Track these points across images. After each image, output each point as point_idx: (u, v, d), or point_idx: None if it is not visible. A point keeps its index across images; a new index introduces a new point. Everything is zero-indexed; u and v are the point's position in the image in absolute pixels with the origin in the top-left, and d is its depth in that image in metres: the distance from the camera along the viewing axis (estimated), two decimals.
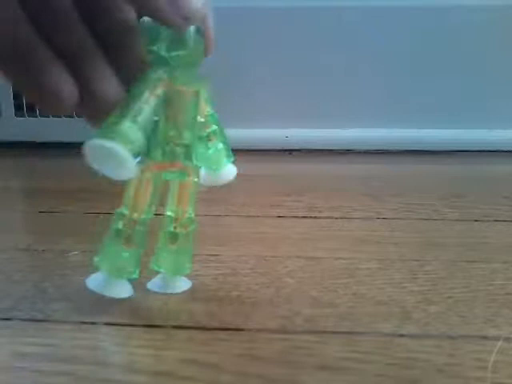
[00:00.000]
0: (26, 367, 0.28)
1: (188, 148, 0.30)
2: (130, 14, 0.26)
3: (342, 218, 0.50)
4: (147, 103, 0.27)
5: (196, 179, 0.32)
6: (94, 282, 0.32)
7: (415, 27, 0.78)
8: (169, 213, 0.33)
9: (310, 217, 0.51)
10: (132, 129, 0.26)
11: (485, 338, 0.30)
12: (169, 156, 0.30)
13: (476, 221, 0.50)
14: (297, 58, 0.79)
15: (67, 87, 0.24)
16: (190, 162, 0.31)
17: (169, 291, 0.35)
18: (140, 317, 0.32)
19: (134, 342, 0.30)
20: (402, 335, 0.30)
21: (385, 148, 0.80)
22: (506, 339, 0.29)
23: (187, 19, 0.24)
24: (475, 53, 0.78)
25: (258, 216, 0.51)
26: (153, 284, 0.35)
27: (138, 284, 0.37)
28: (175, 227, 0.33)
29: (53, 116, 0.82)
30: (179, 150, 0.30)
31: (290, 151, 0.80)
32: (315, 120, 0.80)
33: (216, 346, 0.29)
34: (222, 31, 0.88)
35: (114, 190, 0.30)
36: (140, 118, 0.26)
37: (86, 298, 0.35)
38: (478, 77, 0.79)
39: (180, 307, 0.33)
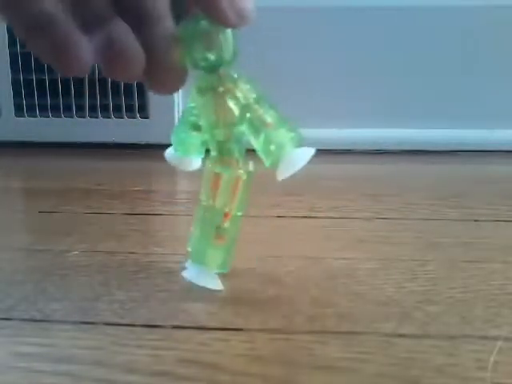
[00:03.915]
0: (25, 367, 0.28)
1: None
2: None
3: (341, 218, 0.50)
4: None
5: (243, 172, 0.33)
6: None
7: (415, 27, 0.78)
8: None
9: (310, 217, 0.51)
10: None
11: (485, 338, 0.30)
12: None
13: (476, 221, 0.50)
14: (297, 58, 0.79)
15: (135, 46, 0.25)
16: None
17: (200, 284, 0.34)
18: (140, 317, 0.32)
19: (133, 342, 0.30)
20: (401, 335, 0.30)
21: (385, 148, 0.80)
22: (506, 339, 0.29)
23: (244, 20, 0.26)
24: (475, 53, 0.78)
25: (258, 216, 0.51)
26: (187, 272, 0.35)
27: (137, 283, 0.37)
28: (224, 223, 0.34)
29: (53, 116, 0.82)
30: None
31: None
32: (315, 120, 0.80)
33: (216, 346, 0.29)
34: None
35: (114, 190, 0.30)
36: None
37: (86, 298, 0.35)
38: (478, 77, 0.79)
39: (180, 307, 0.33)
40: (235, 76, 0.31)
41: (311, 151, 0.33)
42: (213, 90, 0.31)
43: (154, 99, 0.80)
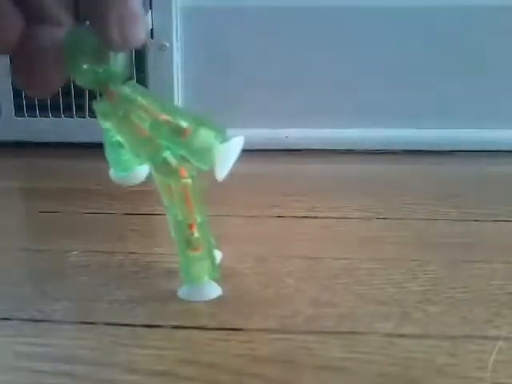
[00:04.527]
0: (25, 367, 0.28)
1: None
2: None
3: (341, 218, 0.50)
4: None
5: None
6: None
7: (415, 27, 0.78)
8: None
9: (310, 217, 0.51)
10: None
11: (485, 338, 0.30)
12: None
13: (476, 221, 0.50)
14: (297, 58, 0.79)
15: (11, 17, 0.24)
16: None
17: (197, 299, 0.34)
18: (140, 317, 0.32)
19: (133, 341, 0.30)
20: (402, 335, 0.30)
21: (385, 148, 0.80)
22: (506, 339, 0.29)
23: (128, 45, 0.25)
24: (475, 53, 0.78)
25: (258, 216, 0.51)
26: (181, 292, 0.34)
27: (137, 283, 0.37)
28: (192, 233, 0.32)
29: (53, 116, 0.82)
30: None
31: (290, 151, 0.80)
32: (315, 120, 0.80)
33: (216, 346, 0.29)
34: (223, 31, 0.87)
35: (114, 190, 0.30)
36: None
37: (86, 298, 0.35)
38: (478, 77, 0.79)
39: (180, 307, 0.33)
40: (131, 94, 0.30)
41: (240, 140, 0.31)
42: (114, 114, 0.30)
43: None
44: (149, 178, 0.35)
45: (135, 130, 0.30)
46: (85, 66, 0.27)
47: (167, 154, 0.31)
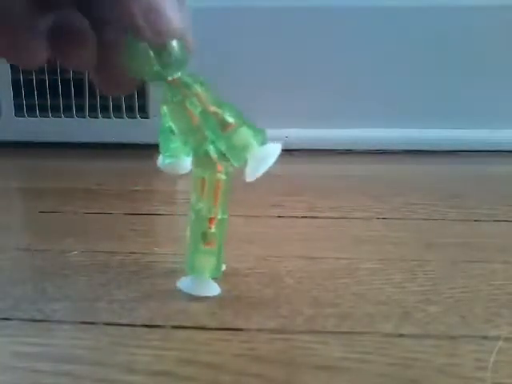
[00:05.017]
0: (25, 367, 0.28)
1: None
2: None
3: (341, 218, 0.50)
4: None
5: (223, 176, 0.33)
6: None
7: (415, 27, 0.78)
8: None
9: (310, 217, 0.51)
10: None
11: (485, 338, 0.30)
12: None
13: (476, 221, 0.50)
14: (298, 58, 0.79)
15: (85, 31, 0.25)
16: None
17: (197, 294, 0.34)
18: (140, 317, 0.32)
19: (133, 341, 0.30)
20: (402, 335, 0.30)
21: (385, 148, 0.80)
22: (506, 339, 0.29)
23: (162, 37, 0.25)
24: (476, 53, 0.78)
25: (258, 216, 0.51)
26: (182, 284, 0.35)
27: (137, 283, 0.37)
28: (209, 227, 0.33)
29: (53, 116, 0.82)
30: None
31: (290, 151, 0.80)
32: (315, 120, 0.80)
33: (216, 346, 0.29)
34: (223, 31, 0.87)
35: (114, 190, 0.30)
36: None
37: (86, 298, 0.35)
38: (479, 77, 0.79)
39: (180, 307, 0.33)
40: (189, 81, 0.31)
41: (278, 147, 0.32)
42: (172, 99, 0.31)
43: (154, 99, 0.80)
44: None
45: (187, 116, 0.31)
46: (143, 67, 0.28)
47: (210, 148, 0.32)
